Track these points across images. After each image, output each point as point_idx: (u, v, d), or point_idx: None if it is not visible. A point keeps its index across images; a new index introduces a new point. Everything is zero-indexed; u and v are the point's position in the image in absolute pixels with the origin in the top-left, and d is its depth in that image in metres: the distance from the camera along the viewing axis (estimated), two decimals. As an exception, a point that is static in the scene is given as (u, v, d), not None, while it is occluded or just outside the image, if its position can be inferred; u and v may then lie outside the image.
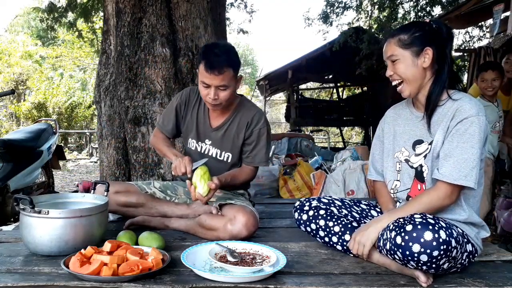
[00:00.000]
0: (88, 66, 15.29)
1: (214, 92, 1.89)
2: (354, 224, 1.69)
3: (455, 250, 1.33)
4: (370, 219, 1.72)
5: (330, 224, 1.69)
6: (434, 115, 1.54)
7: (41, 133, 3.44)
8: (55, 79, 14.82)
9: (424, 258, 1.29)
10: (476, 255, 1.50)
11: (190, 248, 1.60)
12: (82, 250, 1.46)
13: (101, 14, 5.25)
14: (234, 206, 1.90)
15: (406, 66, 1.52)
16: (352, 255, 1.66)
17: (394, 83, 1.58)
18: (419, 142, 1.58)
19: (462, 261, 1.44)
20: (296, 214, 1.80)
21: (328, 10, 10.88)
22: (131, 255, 1.44)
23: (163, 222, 2.03)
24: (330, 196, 1.85)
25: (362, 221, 1.71)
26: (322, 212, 1.73)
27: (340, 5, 10.80)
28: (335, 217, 1.71)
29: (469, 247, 1.46)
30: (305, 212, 1.76)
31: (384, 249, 1.42)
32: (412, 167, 1.59)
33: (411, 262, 1.33)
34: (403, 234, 1.32)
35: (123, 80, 3.15)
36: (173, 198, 2.16)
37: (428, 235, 1.28)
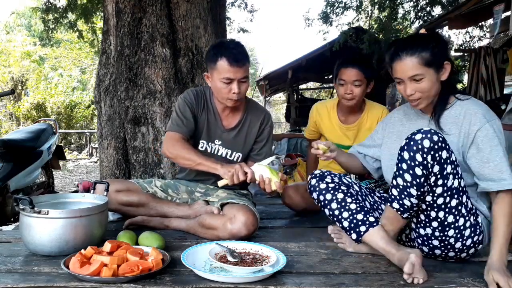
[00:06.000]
0: (87, 69, 15.27)
1: (238, 85, 1.92)
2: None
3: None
4: (380, 213, 1.74)
5: (348, 200, 1.66)
6: (442, 117, 1.59)
7: (41, 133, 3.44)
8: (54, 79, 14.77)
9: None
10: (481, 245, 1.56)
11: (190, 248, 1.60)
12: (82, 250, 1.46)
13: (101, 14, 5.24)
14: (234, 205, 1.90)
15: (431, 83, 1.53)
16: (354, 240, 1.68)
17: (415, 99, 1.55)
18: None
19: (471, 245, 1.52)
20: (314, 181, 1.74)
21: (328, 10, 10.89)
22: (131, 255, 1.44)
23: (162, 222, 2.02)
24: (350, 177, 1.85)
25: (372, 213, 1.67)
26: (343, 188, 1.70)
27: (340, 5, 10.81)
28: (354, 196, 1.69)
29: (480, 237, 1.53)
30: (325, 182, 1.72)
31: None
32: None
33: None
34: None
35: (123, 80, 3.15)
36: (174, 198, 2.16)
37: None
